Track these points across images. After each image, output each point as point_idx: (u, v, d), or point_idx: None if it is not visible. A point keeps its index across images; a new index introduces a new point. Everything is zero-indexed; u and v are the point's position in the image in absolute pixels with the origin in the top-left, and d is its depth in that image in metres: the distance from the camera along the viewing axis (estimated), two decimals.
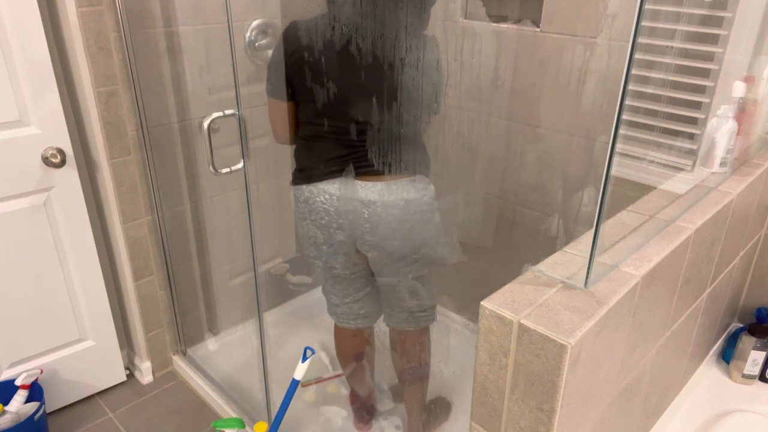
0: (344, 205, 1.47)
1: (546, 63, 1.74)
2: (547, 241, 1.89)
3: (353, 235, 1.52)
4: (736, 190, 1.31)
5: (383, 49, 1.35)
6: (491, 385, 0.91)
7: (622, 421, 1.15)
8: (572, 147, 1.76)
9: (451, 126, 1.55)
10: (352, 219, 1.48)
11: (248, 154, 1.58)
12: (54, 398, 1.98)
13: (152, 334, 2.11)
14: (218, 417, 2.00)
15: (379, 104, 1.39)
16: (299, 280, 2.53)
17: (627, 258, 0.99)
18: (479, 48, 1.81)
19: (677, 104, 1.57)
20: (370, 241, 1.50)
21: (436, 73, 1.43)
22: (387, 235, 1.48)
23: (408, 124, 1.43)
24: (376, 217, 1.45)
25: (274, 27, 2.05)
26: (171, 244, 2.04)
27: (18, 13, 1.54)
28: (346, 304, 1.69)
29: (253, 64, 2.05)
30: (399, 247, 1.51)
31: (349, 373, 1.87)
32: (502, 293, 0.90)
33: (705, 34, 1.49)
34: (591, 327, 0.82)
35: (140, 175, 1.88)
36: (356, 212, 1.47)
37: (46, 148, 1.70)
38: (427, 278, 1.62)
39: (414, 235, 1.50)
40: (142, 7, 1.73)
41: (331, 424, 1.93)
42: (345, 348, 1.81)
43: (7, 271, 1.75)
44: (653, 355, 1.17)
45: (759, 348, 1.54)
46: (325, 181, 1.47)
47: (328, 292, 1.72)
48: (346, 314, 1.71)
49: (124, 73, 1.75)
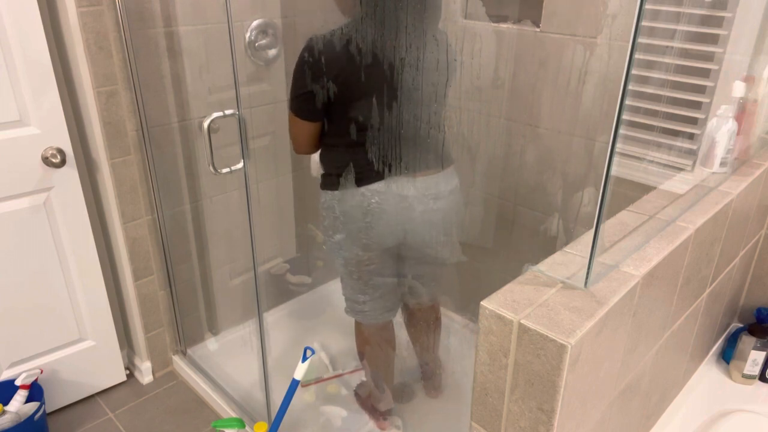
0: (400, 202, 1.52)
1: (546, 63, 1.74)
2: (547, 241, 1.89)
3: (405, 231, 1.57)
4: (736, 190, 1.31)
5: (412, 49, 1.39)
6: (491, 385, 0.91)
7: (622, 421, 1.15)
8: (572, 147, 1.76)
9: (451, 126, 1.56)
10: (406, 215, 1.54)
11: (248, 154, 1.58)
12: (54, 398, 1.98)
13: (152, 334, 2.11)
14: (218, 417, 2.00)
15: (421, 102, 1.45)
16: (299, 280, 2.53)
17: (627, 258, 0.99)
18: (479, 48, 1.81)
19: (677, 104, 1.57)
20: (424, 233, 1.58)
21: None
22: (441, 223, 1.59)
23: (440, 117, 1.52)
24: (430, 211, 1.54)
25: (274, 27, 2.05)
26: (171, 244, 2.04)
27: (18, 13, 1.54)
28: (375, 300, 1.70)
29: (253, 64, 2.06)
30: (447, 233, 1.63)
31: (374, 369, 1.88)
32: (502, 293, 0.90)
33: (705, 34, 1.49)
34: (591, 327, 0.83)
35: (140, 175, 1.88)
36: (411, 208, 1.53)
37: (46, 148, 1.70)
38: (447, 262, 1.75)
39: (457, 219, 1.64)
40: (142, 7, 1.73)
41: (331, 424, 1.93)
42: (373, 343, 1.81)
43: (7, 271, 1.75)
44: (653, 355, 1.17)
45: (759, 348, 1.54)
46: (376, 182, 1.50)
47: (356, 291, 1.71)
48: (374, 310, 1.72)
49: (124, 73, 1.75)
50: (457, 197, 1.60)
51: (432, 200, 1.54)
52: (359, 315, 1.74)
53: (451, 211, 1.60)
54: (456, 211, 1.63)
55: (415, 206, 1.54)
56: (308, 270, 2.55)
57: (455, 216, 1.64)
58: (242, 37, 1.99)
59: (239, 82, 1.59)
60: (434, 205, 1.55)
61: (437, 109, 1.50)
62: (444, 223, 1.61)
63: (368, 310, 1.72)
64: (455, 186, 1.58)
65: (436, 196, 1.54)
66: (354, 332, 1.83)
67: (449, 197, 1.57)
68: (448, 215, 1.60)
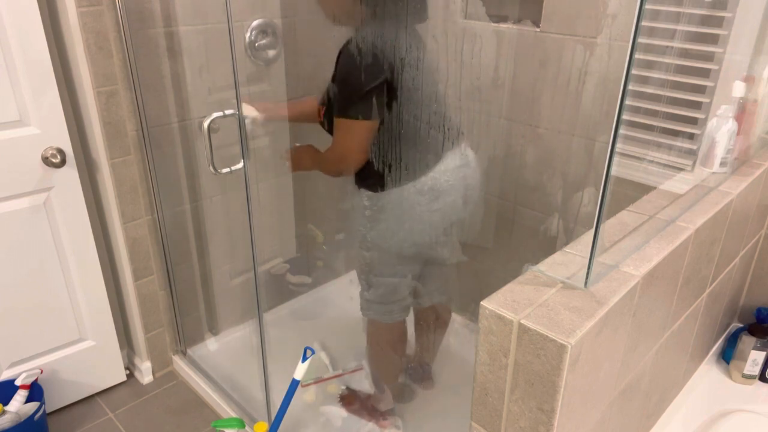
0: (460, 173, 1.56)
1: (546, 63, 1.74)
2: (547, 241, 1.89)
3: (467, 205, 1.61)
4: (736, 190, 1.31)
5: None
6: (491, 385, 0.91)
7: (622, 421, 1.15)
8: (572, 147, 1.76)
9: (451, 126, 1.56)
10: (468, 183, 1.59)
11: (248, 154, 1.58)
12: (54, 398, 1.98)
13: (152, 334, 2.11)
14: (218, 417, 2.00)
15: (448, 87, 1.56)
16: (299, 280, 2.53)
17: (627, 258, 0.99)
18: (479, 48, 1.81)
19: (677, 104, 1.57)
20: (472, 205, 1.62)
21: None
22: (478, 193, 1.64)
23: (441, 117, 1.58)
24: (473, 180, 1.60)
25: (274, 27, 2.05)
26: (171, 244, 2.04)
27: (18, 13, 1.54)
28: (407, 297, 1.70)
29: (253, 64, 2.06)
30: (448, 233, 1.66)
31: (383, 367, 1.87)
32: (502, 293, 0.90)
33: (705, 34, 1.49)
34: (591, 327, 0.83)
35: (140, 175, 1.88)
36: (466, 177, 1.58)
37: (46, 148, 1.70)
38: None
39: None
40: (142, 7, 1.73)
41: (331, 424, 1.93)
42: (402, 340, 1.81)
43: (7, 271, 1.75)
44: (653, 355, 1.17)
45: (759, 348, 1.55)
46: (436, 165, 1.52)
47: (390, 290, 1.67)
48: (405, 308, 1.72)
49: (124, 73, 1.75)
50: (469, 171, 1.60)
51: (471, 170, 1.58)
52: (389, 315, 1.70)
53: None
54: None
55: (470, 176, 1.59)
56: (308, 270, 2.55)
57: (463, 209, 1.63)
58: (242, 37, 1.99)
59: (239, 82, 1.59)
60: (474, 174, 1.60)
61: (437, 109, 1.53)
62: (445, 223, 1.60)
63: (398, 309, 1.70)
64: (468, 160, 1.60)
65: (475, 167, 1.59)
66: (367, 332, 1.79)
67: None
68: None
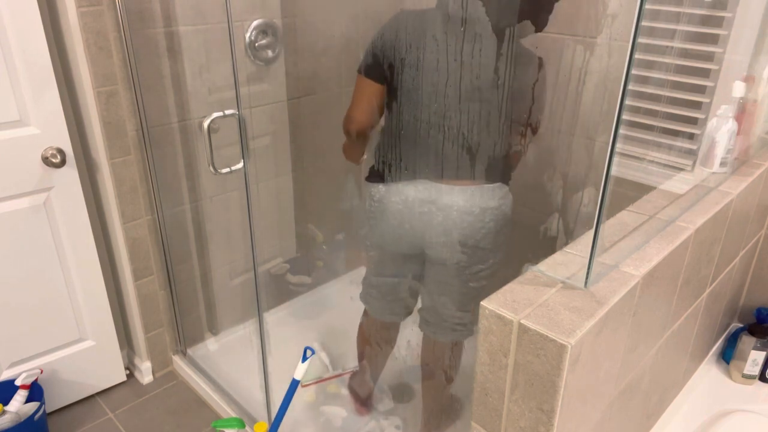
0: (419, 207, 1.45)
1: (546, 63, 1.74)
2: (547, 241, 1.89)
3: (423, 238, 1.50)
4: (736, 190, 1.31)
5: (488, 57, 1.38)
6: (491, 385, 0.91)
7: (622, 421, 1.15)
8: (572, 147, 1.76)
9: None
10: (425, 221, 1.46)
11: (248, 154, 1.58)
12: (54, 398, 1.98)
13: (152, 334, 2.11)
14: (218, 417, 2.00)
15: (474, 110, 1.40)
16: (299, 280, 2.53)
17: (627, 258, 0.99)
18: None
19: (677, 104, 1.57)
20: (440, 247, 1.48)
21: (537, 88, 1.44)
22: (459, 241, 1.46)
23: (496, 131, 1.44)
24: (450, 222, 1.44)
25: (274, 27, 2.05)
26: (171, 244, 2.04)
27: (18, 13, 1.54)
28: (385, 299, 1.70)
29: (253, 64, 2.05)
30: (469, 255, 1.48)
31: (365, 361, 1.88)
32: (502, 293, 0.90)
33: (705, 34, 1.49)
34: (591, 327, 0.82)
35: (140, 175, 1.88)
36: (430, 215, 1.45)
37: (46, 148, 1.70)
38: (482, 291, 1.55)
39: (486, 244, 1.48)
40: (142, 7, 1.73)
41: (331, 424, 1.93)
42: (371, 337, 1.81)
43: (6, 271, 1.75)
44: (653, 355, 1.17)
45: (759, 348, 1.54)
46: (403, 182, 1.46)
47: (367, 276, 1.71)
48: (382, 309, 1.72)
49: (124, 73, 1.75)
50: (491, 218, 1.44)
51: (457, 213, 1.43)
52: (361, 297, 1.75)
53: (480, 231, 1.45)
54: (490, 233, 1.46)
55: (436, 215, 1.45)
56: (308, 270, 2.55)
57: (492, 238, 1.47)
58: (242, 37, 1.99)
59: (239, 82, 1.59)
60: (458, 219, 1.43)
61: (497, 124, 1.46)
62: (473, 243, 1.47)
63: (377, 307, 1.72)
64: (493, 206, 1.43)
65: (462, 210, 1.42)
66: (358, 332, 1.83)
67: (480, 215, 1.43)
68: (476, 235, 1.46)
